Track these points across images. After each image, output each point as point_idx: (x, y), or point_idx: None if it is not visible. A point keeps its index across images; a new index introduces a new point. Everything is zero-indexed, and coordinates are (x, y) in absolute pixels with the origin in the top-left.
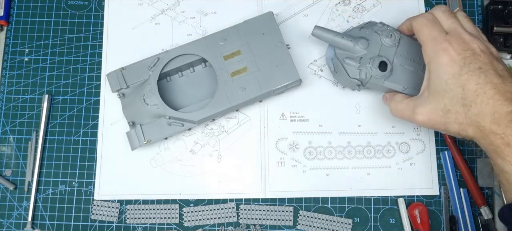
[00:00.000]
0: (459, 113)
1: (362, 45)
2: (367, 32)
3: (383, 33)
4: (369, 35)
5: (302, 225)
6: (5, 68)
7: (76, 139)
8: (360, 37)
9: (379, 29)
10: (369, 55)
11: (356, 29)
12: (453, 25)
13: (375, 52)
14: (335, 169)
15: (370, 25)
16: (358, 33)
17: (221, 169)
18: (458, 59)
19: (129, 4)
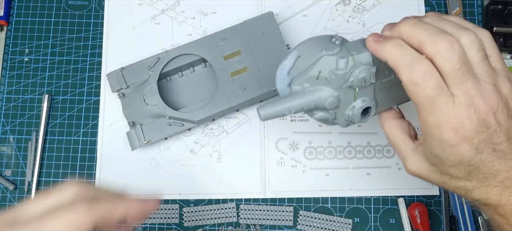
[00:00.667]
0: (468, 183)
1: (330, 105)
2: (327, 78)
3: (353, 78)
4: (333, 81)
5: (302, 225)
6: (5, 68)
7: (76, 139)
8: (321, 89)
9: (342, 73)
10: (343, 103)
11: (313, 70)
12: (458, 64)
13: (349, 100)
14: (335, 169)
15: (326, 63)
16: (316, 82)
17: (221, 169)
18: (470, 142)
19: (129, 4)
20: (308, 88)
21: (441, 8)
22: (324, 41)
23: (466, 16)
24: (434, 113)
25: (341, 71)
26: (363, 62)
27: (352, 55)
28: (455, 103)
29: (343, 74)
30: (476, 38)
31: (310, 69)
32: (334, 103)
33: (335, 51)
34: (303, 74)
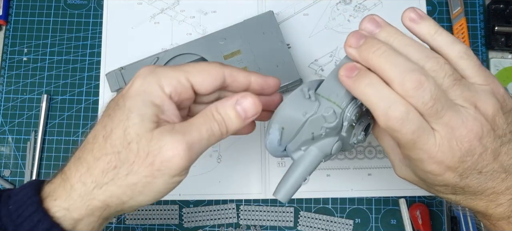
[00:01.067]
0: (455, 197)
1: (337, 150)
2: (322, 134)
3: (347, 121)
4: (330, 132)
5: (303, 226)
6: (4, 68)
7: (75, 139)
8: (322, 143)
9: (334, 124)
10: (346, 138)
11: (304, 135)
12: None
13: (350, 132)
14: (336, 170)
15: (314, 123)
16: (313, 142)
17: (221, 170)
18: (454, 170)
19: (128, 3)
20: (310, 149)
21: (443, 7)
22: (299, 102)
23: (467, 16)
24: (416, 152)
25: (332, 123)
26: (348, 102)
27: (334, 103)
28: (436, 139)
29: (336, 123)
30: (441, 63)
31: (301, 134)
32: (340, 146)
33: (316, 109)
34: (296, 141)
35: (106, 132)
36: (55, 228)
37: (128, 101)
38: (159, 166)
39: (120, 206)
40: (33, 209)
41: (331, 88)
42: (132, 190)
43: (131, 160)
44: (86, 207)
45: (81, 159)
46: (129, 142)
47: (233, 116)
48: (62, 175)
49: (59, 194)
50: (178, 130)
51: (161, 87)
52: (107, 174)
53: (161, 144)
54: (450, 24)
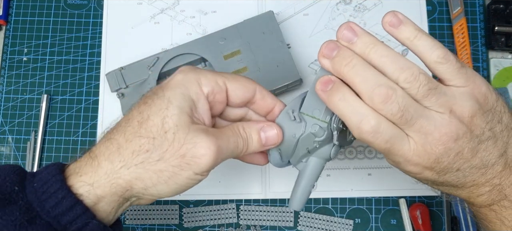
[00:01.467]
0: (437, 187)
1: (335, 153)
2: (317, 146)
3: (336, 131)
4: (324, 142)
5: (303, 226)
6: (4, 68)
7: (75, 139)
8: (321, 151)
9: (325, 137)
10: (343, 138)
11: (301, 151)
12: None
13: (345, 133)
14: (336, 169)
15: (306, 141)
16: (311, 153)
17: (221, 170)
18: (431, 169)
19: (128, 3)
20: (310, 159)
21: (443, 7)
22: (287, 125)
23: (467, 16)
24: (392, 157)
25: (322, 137)
26: (332, 114)
27: (319, 119)
28: (410, 145)
29: (325, 135)
30: (415, 74)
31: (298, 151)
32: (338, 149)
33: (303, 129)
34: (295, 156)
35: (142, 117)
36: (78, 204)
37: (168, 92)
38: (189, 160)
39: (142, 190)
40: (58, 186)
41: (313, 104)
42: (158, 176)
43: (164, 147)
44: (110, 185)
45: (111, 139)
46: (166, 131)
47: (255, 139)
48: (90, 153)
49: (85, 170)
50: (212, 133)
51: (199, 85)
52: (137, 156)
53: (196, 140)
54: (450, 24)
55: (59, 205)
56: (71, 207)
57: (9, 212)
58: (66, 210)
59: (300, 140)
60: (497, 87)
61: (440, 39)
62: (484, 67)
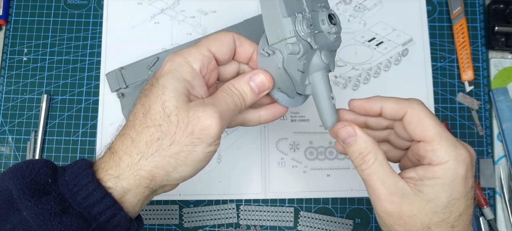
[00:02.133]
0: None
1: (326, 57)
2: (301, 59)
3: (302, 32)
4: (302, 48)
5: (303, 226)
6: (4, 68)
7: (75, 139)
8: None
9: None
10: (321, 41)
11: (293, 74)
12: None
13: (322, 36)
14: (336, 170)
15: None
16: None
17: (221, 170)
18: (471, 175)
19: (128, 3)
20: (311, 78)
21: (443, 7)
22: (267, 63)
23: (468, 16)
24: (454, 149)
25: (301, 51)
26: (292, 26)
27: (285, 39)
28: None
29: (302, 48)
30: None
31: (293, 78)
32: (327, 53)
33: (280, 56)
34: (297, 84)
35: (145, 108)
36: (108, 196)
37: (161, 79)
38: (198, 134)
39: (165, 177)
40: (88, 180)
41: (274, 31)
42: (175, 159)
43: (172, 131)
44: (134, 177)
45: (125, 135)
46: (168, 115)
47: (248, 90)
48: (111, 149)
49: (110, 165)
50: (209, 102)
51: (189, 64)
52: (151, 146)
53: (198, 113)
54: (450, 24)
55: (90, 196)
56: (101, 199)
57: (44, 202)
58: (97, 201)
59: (286, 67)
60: (497, 87)
61: (440, 39)
62: (484, 67)
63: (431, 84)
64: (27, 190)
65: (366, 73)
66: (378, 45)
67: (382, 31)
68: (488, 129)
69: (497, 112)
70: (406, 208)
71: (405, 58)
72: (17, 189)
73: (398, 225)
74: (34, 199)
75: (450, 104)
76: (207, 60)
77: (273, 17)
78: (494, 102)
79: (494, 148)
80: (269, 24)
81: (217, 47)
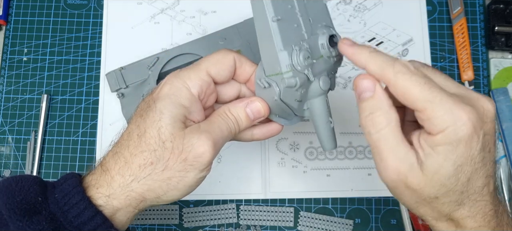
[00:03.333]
0: (445, 206)
1: (324, 84)
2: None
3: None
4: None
5: (303, 226)
6: (4, 68)
7: (75, 139)
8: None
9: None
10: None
11: (291, 104)
12: (450, 82)
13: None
14: (336, 170)
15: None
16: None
17: (221, 170)
18: (479, 136)
19: (128, 3)
20: (309, 104)
21: (443, 7)
22: (264, 94)
23: (468, 16)
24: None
25: (297, 84)
26: (288, 61)
27: (281, 73)
28: (462, 99)
29: (298, 81)
30: None
31: (291, 107)
32: (326, 78)
33: (277, 89)
34: (295, 110)
35: (140, 131)
36: (99, 215)
37: (159, 103)
38: (192, 161)
39: (155, 199)
40: (79, 198)
41: (270, 63)
42: (167, 184)
43: (166, 157)
44: (125, 197)
45: (118, 153)
46: (164, 141)
47: (243, 116)
48: (102, 166)
49: (101, 183)
50: (204, 129)
51: (188, 89)
52: (144, 169)
53: (193, 141)
54: (450, 24)
55: (81, 215)
56: (92, 217)
57: (36, 221)
58: (88, 219)
59: (283, 99)
60: (497, 87)
61: (440, 39)
62: (484, 67)
63: None
64: (17, 210)
65: None
66: (378, 45)
67: (382, 31)
68: None
69: (497, 112)
70: (412, 181)
71: (405, 58)
72: (8, 209)
73: (403, 195)
74: (25, 219)
75: None
76: (206, 85)
77: (269, 48)
78: (494, 102)
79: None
80: (265, 55)
81: (217, 71)
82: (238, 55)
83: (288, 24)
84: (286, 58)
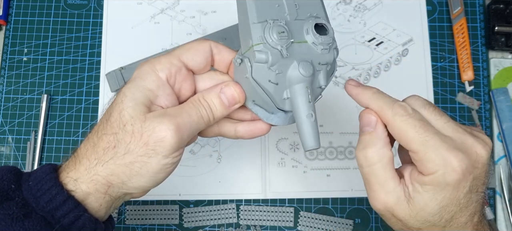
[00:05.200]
0: None
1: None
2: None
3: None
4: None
5: (303, 226)
6: (4, 68)
7: (75, 139)
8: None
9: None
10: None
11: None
12: (448, 125)
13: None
14: (336, 170)
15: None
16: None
17: (221, 170)
18: (467, 180)
19: (128, 3)
20: (291, 90)
21: (443, 7)
22: (238, 73)
23: (468, 16)
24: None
25: (269, 59)
26: (260, 33)
27: (252, 46)
28: (456, 146)
29: (270, 57)
30: None
31: (267, 91)
32: (307, 64)
33: (248, 65)
34: (273, 98)
35: (107, 115)
36: (70, 199)
37: (124, 87)
38: (153, 146)
39: (121, 185)
40: (51, 184)
41: (245, 39)
42: (130, 169)
43: (127, 140)
44: (91, 180)
45: (89, 139)
46: (124, 124)
47: (217, 103)
48: (74, 153)
49: (70, 168)
50: (169, 113)
51: (155, 73)
52: (107, 153)
53: (154, 124)
54: (450, 24)
55: (53, 200)
56: (63, 202)
57: (6, 207)
58: (59, 204)
59: (255, 77)
60: (497, 87)
61: (440, 39)
62: (484, 67)
63: (431, 84)
64: None
65: (366, 73)
66: (378, 45)
67: (382, 31)
68: (488, 129)
69: (497, 112)
70: (398, 213)
71: (405, 58)
72: None
73: (390, 222)
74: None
75: (450, 104)
76: (175, 69)
77: (244, 23)
78: (494, 102)
79: (494, 148)
80: (242, 31)
81: (189, 56)
82: (214, 43)
83: (269, 2)
84: (258, 31)
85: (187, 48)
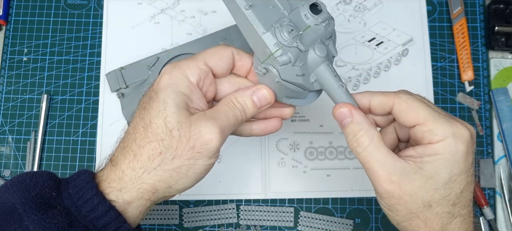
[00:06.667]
0: (437, 218)
1: (320, 50)
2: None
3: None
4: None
5: (303, 226)
6: (4, 68)
7: (75, 139)
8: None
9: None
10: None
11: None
12: (439, 110)
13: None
14: (336, 170)
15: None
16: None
17: (221, 170)
18: (472, 152)
19: (128, 3)
20: (316, 71)
21: (443, 7)
22: (266, 80)
23: (468, 16)
24: (450, 127)
25: (290, 59)
26: (273, 41)
27: (272, 54)
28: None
29: (291, 53)
30: None
31: (298, 82)
32: (320, 46)
33: (275, 71)
34: (303, 85)
35: (145, 123)
36: (112, 209)
37: (161, 93)
38: (199, 149)
39: (167, 190)
40: (93, 193)
41: (260, 50)
42: (177, 173)
43: (174, 145)
44: (137, 190)
45: (126, 148)
46: (171, 130)
47: (250, 104)
48: (112, 162)
49: (112, 178)
50: (210, 116)
51: (187, 78)
52: (154, 160)
53: (200, 128)
54: (450, 24)
55: (94, 210)
56: (106, 212)
57: (51, 216)
58: (101, 214)
59: (284, 78)
60: (497, 87)
61: (440, 39)
62: (484, 67)
63: (431, 84)
64: (33, 204)
65: (366, 73)
66: (378, 45)
67: (382, 31)
68: (488, 129)
69: (497, 112)
70: (406, 187)
71: (405, 58)
72: (22, 204)
73: (399, 205)
74: (40, 213)
75: (450, 104)
76: (204, 74)
77: (254, 36)
78: (494, 102)
79: (494, 148)
80: (253, 43)
81: (215, 62)
82: (236, 49)
83: (264, 7)
84: (271, 38)
85: (212, 54)
